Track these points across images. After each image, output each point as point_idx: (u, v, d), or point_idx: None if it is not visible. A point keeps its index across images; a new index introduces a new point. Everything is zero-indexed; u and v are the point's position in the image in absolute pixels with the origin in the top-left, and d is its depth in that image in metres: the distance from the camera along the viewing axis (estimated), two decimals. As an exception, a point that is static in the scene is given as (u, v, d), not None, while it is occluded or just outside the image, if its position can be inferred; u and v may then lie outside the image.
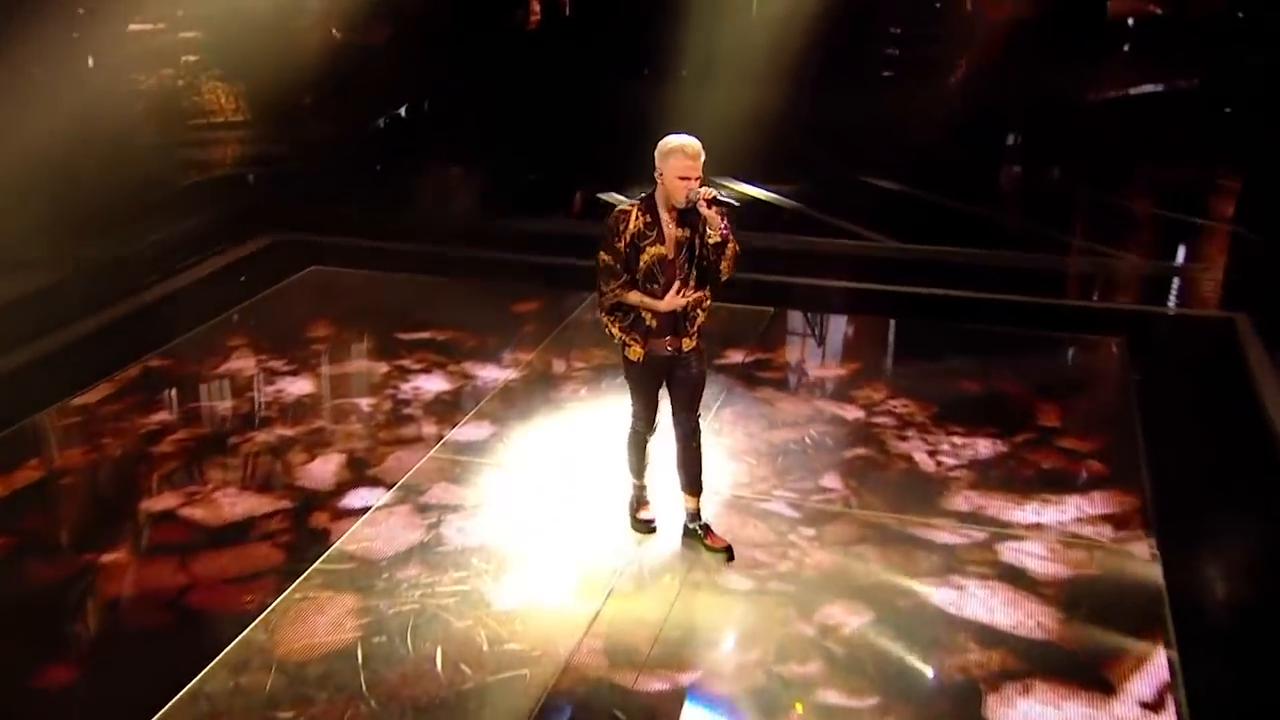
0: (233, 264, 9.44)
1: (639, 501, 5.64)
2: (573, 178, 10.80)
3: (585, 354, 7.64)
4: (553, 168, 11.26)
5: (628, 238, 4.96)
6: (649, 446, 5.45)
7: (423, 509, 5.84)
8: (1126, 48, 13.21)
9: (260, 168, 11.55)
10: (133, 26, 11.90)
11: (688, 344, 5.00)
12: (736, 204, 4.90)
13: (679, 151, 4.84)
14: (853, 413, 6.90)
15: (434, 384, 7.23)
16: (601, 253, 4.99)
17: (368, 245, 9.56)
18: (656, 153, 4.88)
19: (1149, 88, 12.73)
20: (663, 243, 4.93)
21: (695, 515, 5.30)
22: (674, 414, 5.14)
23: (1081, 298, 8.91)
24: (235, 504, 5.91)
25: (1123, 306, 8.70)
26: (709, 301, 5.18)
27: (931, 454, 6.43)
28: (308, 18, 12.73)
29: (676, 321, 5.09)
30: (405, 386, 7.17)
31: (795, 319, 8.34)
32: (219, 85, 12.48)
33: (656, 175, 4.92)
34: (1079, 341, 8.04)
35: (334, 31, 12.35)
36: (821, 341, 8.05)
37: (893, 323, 8.23)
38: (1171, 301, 8.75)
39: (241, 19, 11.92)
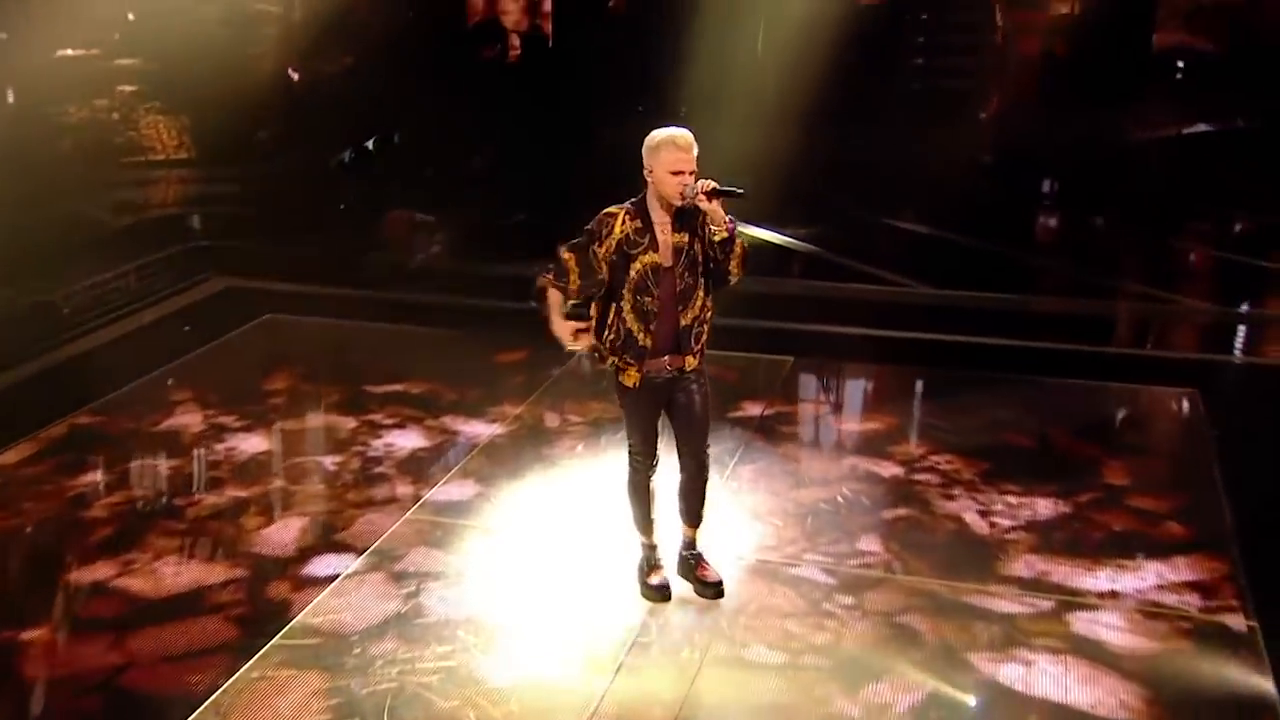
0: (177, 312, 9.43)
1: (649, 565, 5.51)
2: (560, 220, 10.76)
3: (582, 407, 7.60)
4: (538, 209, 11.33)
5: (611, 244, 4.96)
6: (652, 488, 5.35)
7: (399, 577, 5.71)
8: (1177, 83, 13.38)
9: (207, 208, 11.56)
10: (61, 53, 11.88)
11: (691, 362, 5.00)
12: (741, 190, 4.89)
13: (669, 144, 4.86)
14: (890, 470, 6.83)
15: (409, 440, 7.17)
16: (564, 250, 4.96)
17: (330, 292, 9.62)
18: (644, 149, 4.90)
19: (1202, 127, 12.92)
20: (656, 250, 4.95)
21: (690, 544, 5.31)
22: (678, 446, 5.14)
23: (1138, 345, 8.90)
24: (179, 573, 5.75)
25: (1187, 355, 8.70)
26: (711, 313, 5.11)
27: (984, 514, 6.33)
28: (261, 44, 12.86)
29: (678, 337, 5.05)
30: (376, 443, 7.11)
31: (818, 369, 8.36)
32: (159, 119, 12.51)
33: (646, 174, 4.93)
34: (1142, 393, 8.01)
35: (291, 73, 12.39)
36: (849, 393, 7.99)
37: (930, 373, 8.26)
38: (1238, 349, 8.69)
39: (186, 45, 12.02)
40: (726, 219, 4.88)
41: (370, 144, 11.89)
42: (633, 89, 12.43)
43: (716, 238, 4.88)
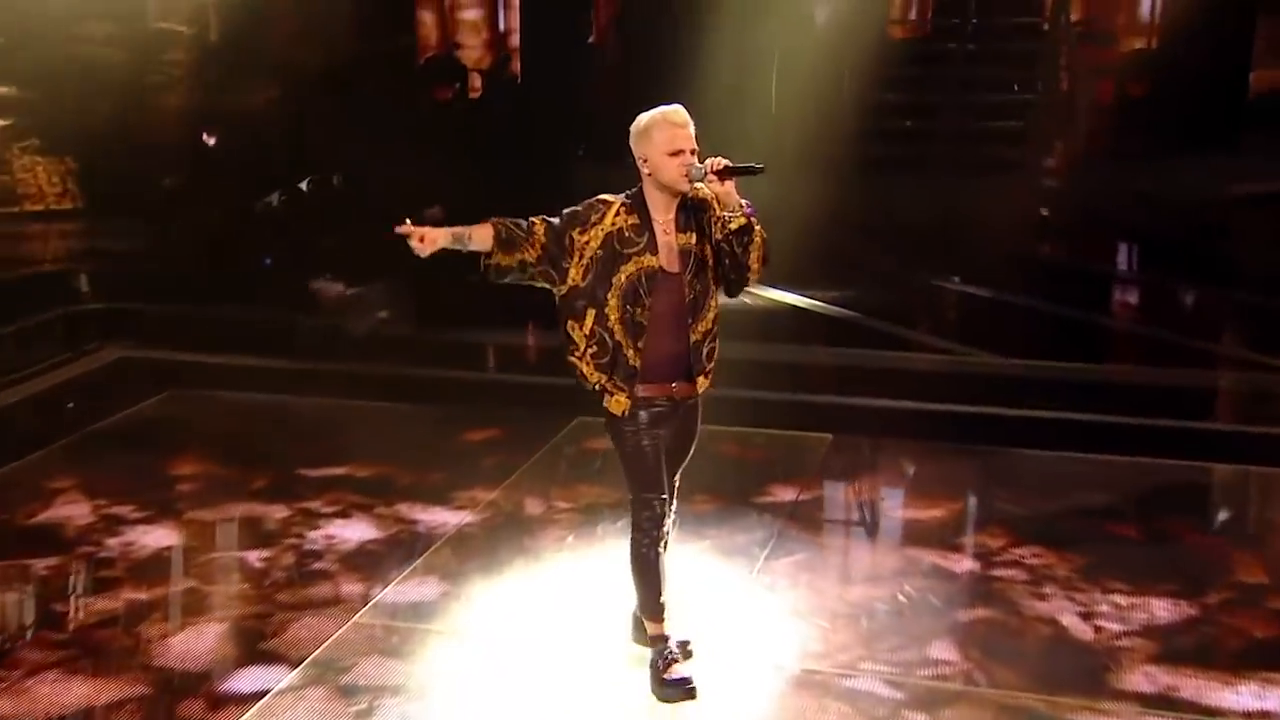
0: (60, 386, 9.35)
1: (664, 658, 5.31)
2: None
3: (570, 491, 7.56)
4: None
5: (599, 235, 4.91)
6: (664, 560, 5.15)
7: (347, 691, 5.48)
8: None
9: (98, 265, 11.52)
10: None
11: (703, 385, 5.14)
12: (760, 166, 4.84)
13: (661, 122, 4.89)
14: (963, 564, 6.73)
15: (355, 531, 7.07)
16: (537, 219, 4.84)
17: (252, 363, 9.65)
18: (631, 138, 4.92)
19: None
20: (655, 253, 4.88)
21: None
22: None
23: (1247, 420, 8.85)
24: (62, 692, 5.50)
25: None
26: (716, 326, 5.08)
27: (1086, 617, 6.18)
28: (165, 71, 12.89)
29: (689, 357, 4.96)
30: (314, 535, 7.02)
31: (863, 447, 8.34)
32: (39, 161, 12.41)
33: (640, 165, 4.90)
34: (1267, 475, 7.91)
35: (206, 138, 12.51)
36: (901, 475, 7.92)
37: (999, 452, 8.24)
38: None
39: (73, 75, 12.04)
40: (743, 202, 4.87)
41: (304, 185, 11.79)
42: (622, 136, 12.60)
43: (733, 224, 4.90)
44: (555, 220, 4.95)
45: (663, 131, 4.78)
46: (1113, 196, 12.46)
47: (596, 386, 4.99)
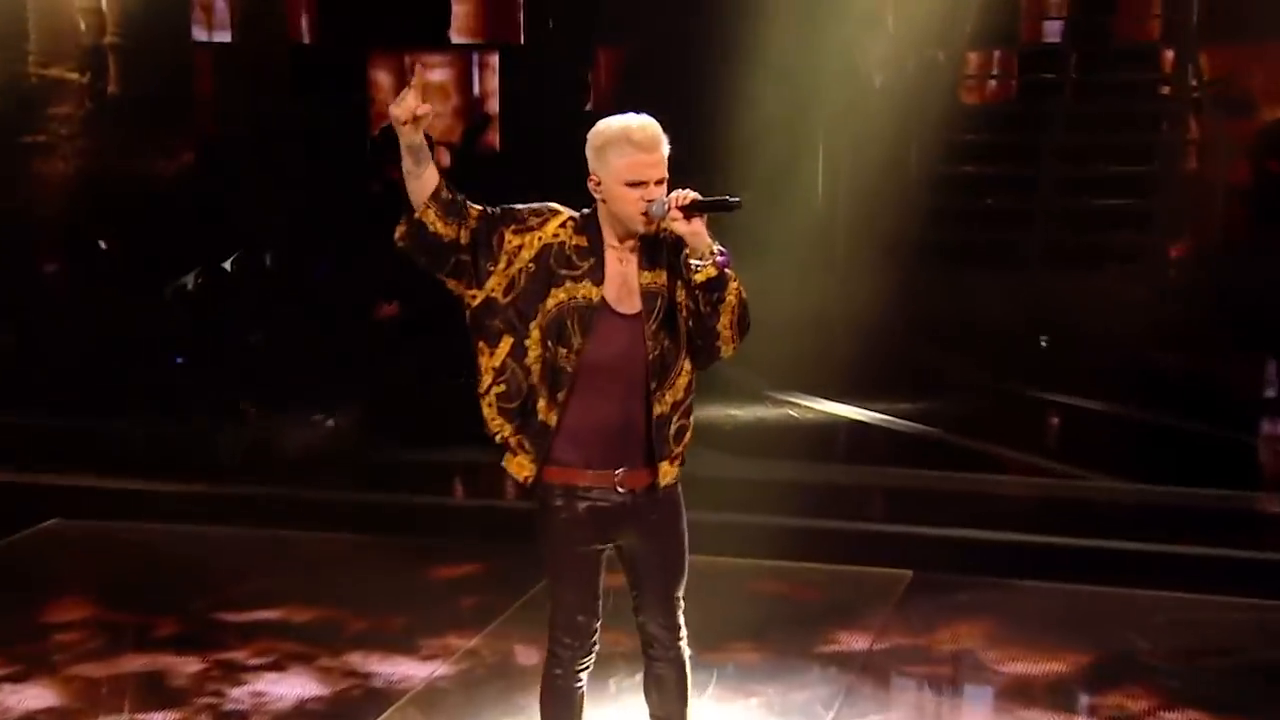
0: None
1: None
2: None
3: None
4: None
5: (534, 243, 4.67)
6: (579, 695, 4.91)
7: None
8: None
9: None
10: None
11: (667, 474, 4.81)
12: (736, 200, 4.64)
13: (621, 140, 4.63)
14: None
15: (291, 687, 6.96)
16: (473, 205, 4.67)
17: (157, 488, 9.70)
18: (588, 148, 4.69)
19: None
20: (598, 283, 4.69)
21: None
22: (637, 612, 4.96)
23: None
24: None
25: None
26: (693, 397, 4.81)
27: None
28: (50, 128, 12.97)
29: (647, 437, 4.73)
30: (236, 692, 6.90)
31: (950, 586, 8.23)
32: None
33: (592, 184, 4.70)
34: None
35: (100, 244, 12.67)
36: (1004, 618, 7.83)
37: (1125, 594, 8.18)
38: None
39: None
40: (715, 248, 4.61)
41: (229, 264, 11.82)
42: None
43: (698, 276, 4.63)
44: (491, 210, 4.77)
45: (621, 155, 4.62)
46: (1250, 292, 12.60)
47: (498, 438, 4.77)
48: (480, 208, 4.68)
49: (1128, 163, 13.97)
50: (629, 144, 4.63)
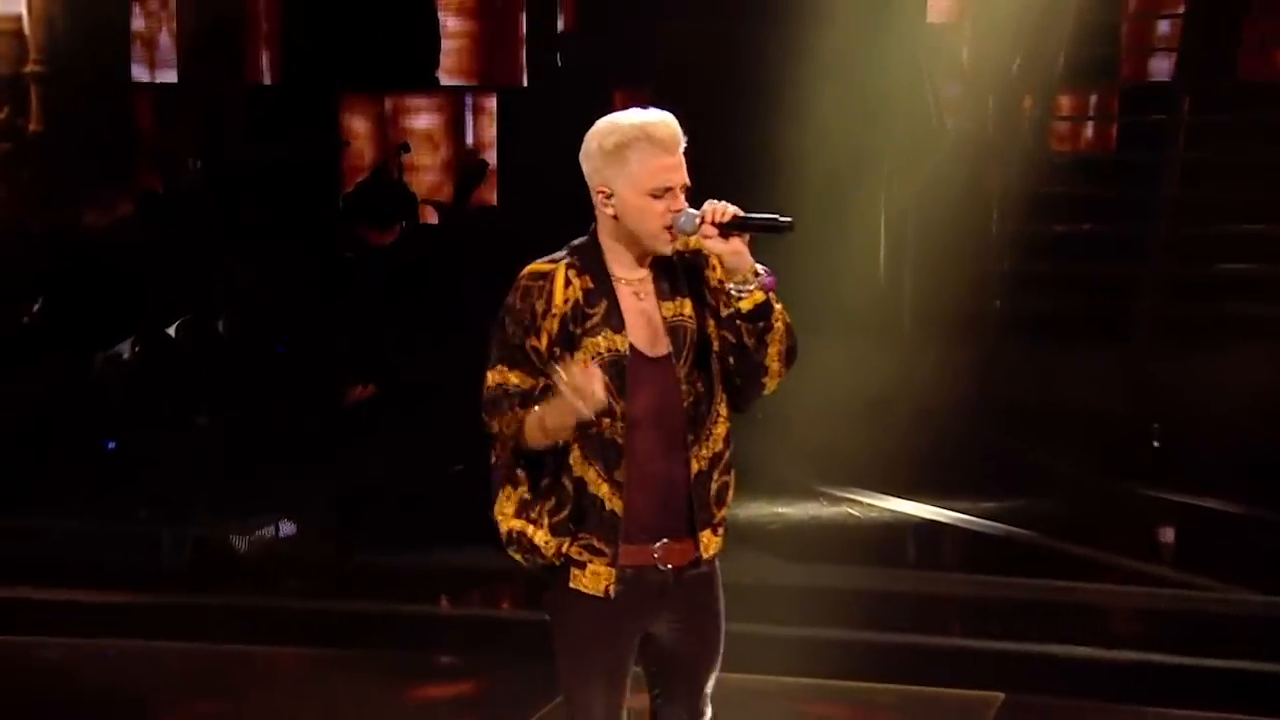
0: None
1: None
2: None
3: None
4: (473, 465, 11.40)
5: (554, 324, 4.62)
6: None
7: None
8: None
9: None
10: None
11: (710, 545, 4.77)
12: (786, 221, 4.56)
13: (641, 139, 4.58)
14: None
15: None
16: (493, 369, 4.62)
17: (88, 598, 9.72)
18: (589, 155, 4.66)
19: None
20: (619, 328, 4.65)
21: None
22: (654, 717, 4.92)
23: None
24: None
25: None
26: (730, 448, 4.76)
27: None
28: None
29: (689, 499, 4.68)
30: None
31: (1053, 712, 8.25)
32: None
33: (599, 201, 4.66)
34: None
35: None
36: None
37: None
38: None
39: None
40: (758, 268, 4.60)
41: (173, 330, 11.84)
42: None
43: (742, 304, 4.60)
44: (501, 352, 4.70)
45: (644, 158, 4.61)
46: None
47: (558, 560, 4.68)
48: (512, 371, 4.64)
49: (1253, 220, 13.92)
50: (650, 143, 4.60)
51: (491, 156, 16.53)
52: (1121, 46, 15.60)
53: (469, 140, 16.95)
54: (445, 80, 17.07)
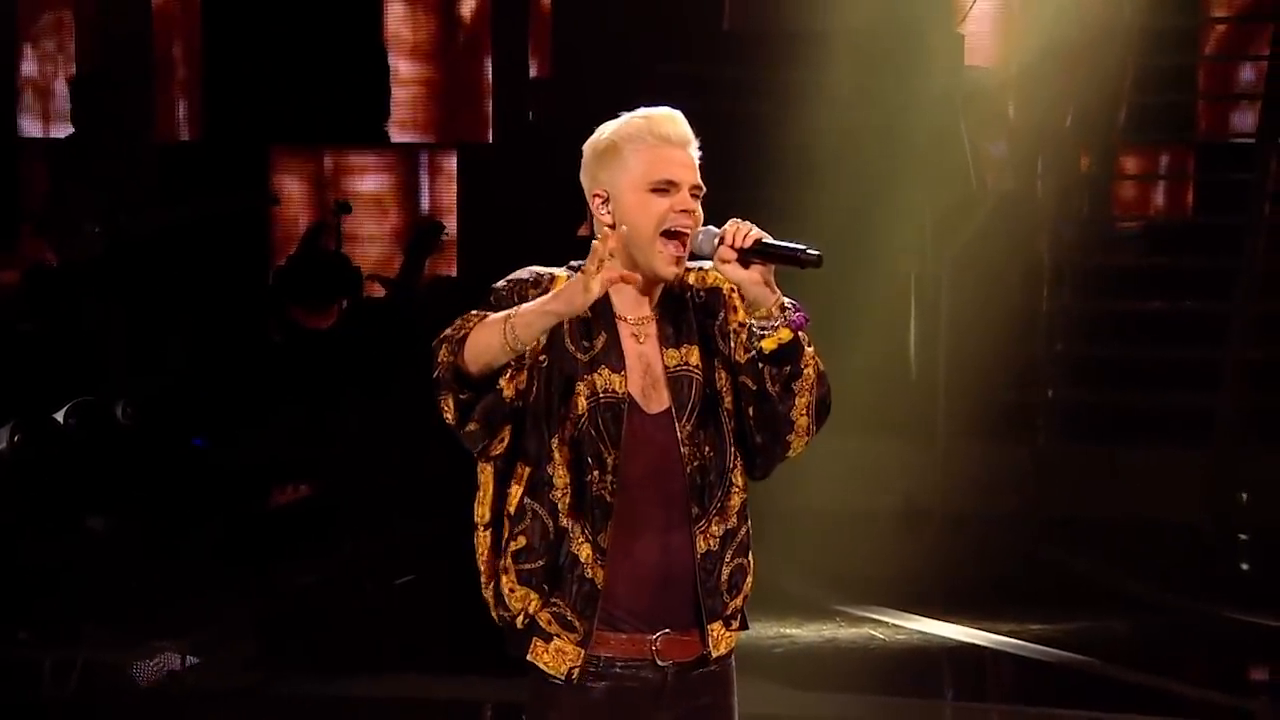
0: None
1: None
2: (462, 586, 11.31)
3: None
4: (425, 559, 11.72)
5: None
6: None
7: None
8: None
9: None
10: None
11: (722, 640, 4.72)
12: (815, 254, 4.50)
13: (644, 132, 4.58)
14: None
15: None
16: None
17: None
18: (589, 158, 4.66)
19: None
20: (619, 368, 4.62)
21: None
22: None
23: None
24: None
25: None
26: (746, 524, 4.67)
27: None
28: None
29: (680, 575, 4.62)
30: None
31: None
32: None
33: (596, 203, 4.62)
34: None
35: None
36: None
37: None
38: None
39: None
40: (786, 302, 4.53)
41: (62, 415, 11.80)
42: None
43: (765, 343, 4.54)
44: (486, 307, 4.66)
45: (644, 149, 4.61)
46: None
47: (519, 621, 4.67)
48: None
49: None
50: (652, 135, 4.58)
51: (451, 223, 16.48)
52: (1197, 98, 15.68)
53: (424, 205, 16.95)
54: (396, 136, 17.12)
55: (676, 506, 4.61)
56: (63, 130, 15.58)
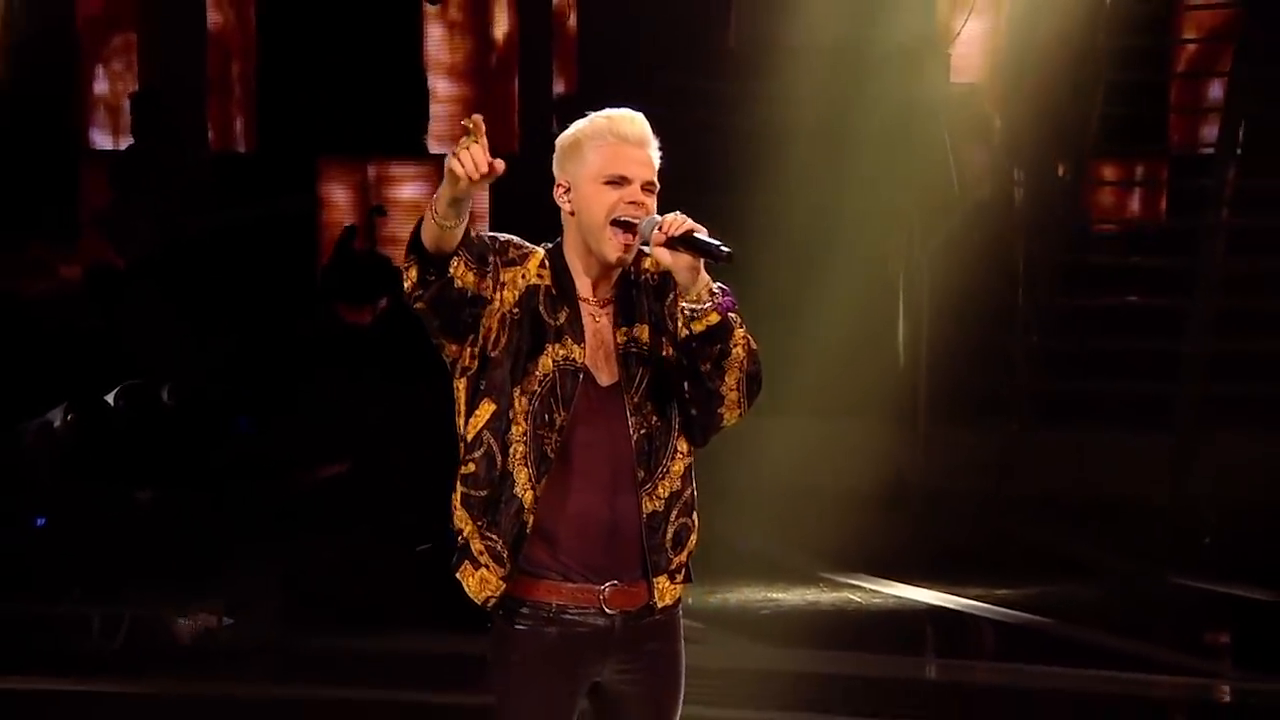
0: None
1: None
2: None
3: None
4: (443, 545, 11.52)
5: (519, 286, 4.56)
6: None
7: None
8: None
9: None
10: None
11: (666, 591, 4.77)
12: (726, 251, 4.51)
13: (605, 131, 4.62)
14: None
15: None
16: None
17: (6, 685, 9.73)
18: (557, 152, 4.70)
19: None
20: (580, 340, 4.68)
21: None
22: None
23: None
24: None
25: None
26: (690, 487, 4.74)
27: None
28: None
29: (627, 532, 4.67)
30: None
31: None
32: None
33: (559, 193, 4.68)
34: None
35: None
36: None
37: None
38: None
39: None
40: (714, 287, 4.57)
41: (111, 398, 11.85)
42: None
43: (695, 325, 4.58)
44: (488, 238, 4.68)
45: (602, 146, 4.64)
46: None
47: (460, 539, 4.68)
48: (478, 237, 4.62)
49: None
50: (613, 135, 4.59)
51: (483, 226, 16.53)
52: (1169, 109, 15.70)
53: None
54: (434, 147, 17.14)
55: (624, 471, 4.65)
56: (129, 142, 15.69)
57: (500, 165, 4.38)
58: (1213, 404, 13.83)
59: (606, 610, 4.65)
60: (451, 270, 4.46)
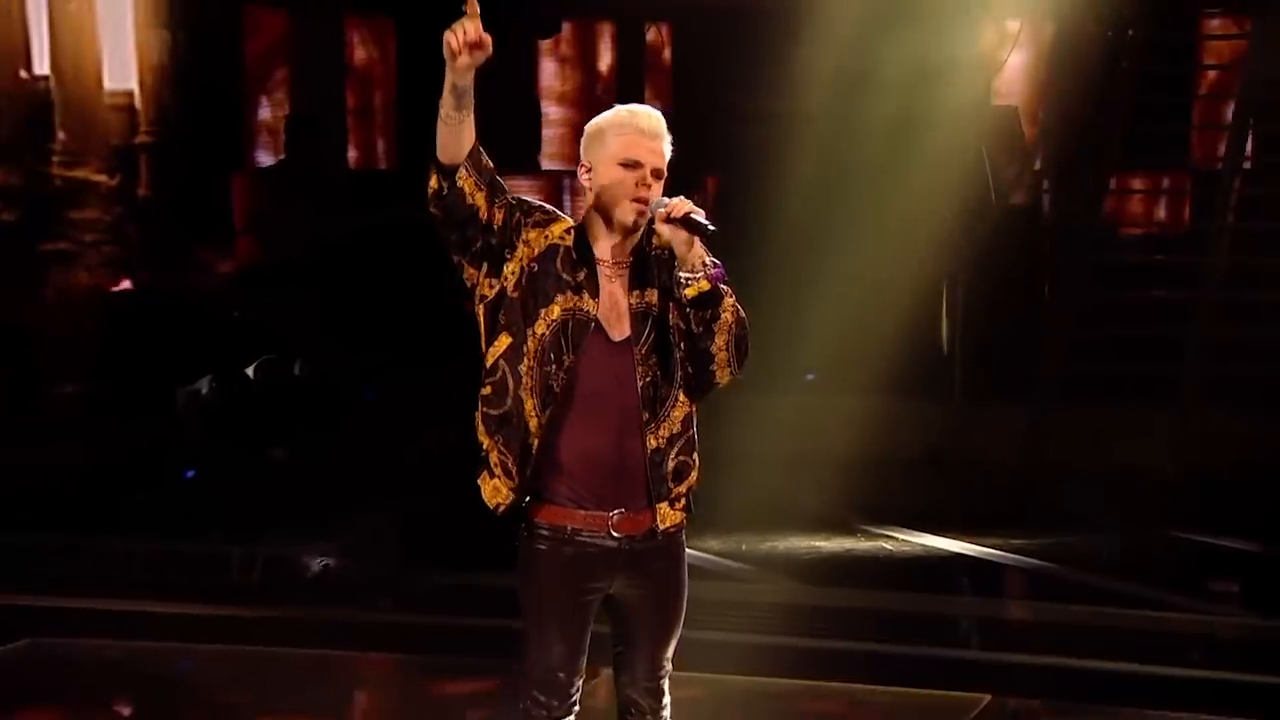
0: None
1: None
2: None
3: None
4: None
5: (541, 244, 4.79)
6: None
7: None
8: None
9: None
10: None
11: (668, 517, 4.93)
12: (712, 229, 4.72)
13: (625, 121, 4.84)
14: None
15: None
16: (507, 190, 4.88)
17: (147, 608, 9.88)
18: (583, 139, 4.91)
19: None
20: (594, 295, 4.82)
21: None
22: (618, 671, 5.05)
23: None
24: None
25: None
26: (690, 430, 4.89)
27: None
28: (74, 240, 13.34)
29: (646, 473, 4.85)
30: None
31: (1036, 713, 8.23)
32: None
33: (582, 178, 4.91)
34: None
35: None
36: None
37: None
38: None
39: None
40: (707, 260, 4.74)
41: (251, 370, 12.04)
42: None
43: (688, 291, 4.75)
44: (515, 197, 4.88)
45: (621, 135, 4.81)
46: None
47: (482, 453, 4.84)
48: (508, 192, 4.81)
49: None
50: (631, 125, 4.81)
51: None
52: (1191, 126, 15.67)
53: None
54: (546, 165, 17.29)
55: (632, 414, 4.79)
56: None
57: (488, 40, 4.51)
58: (1213, 384, 13.75)
59: (614, 534, 4.81)
60: (459, 180, 4.64)
